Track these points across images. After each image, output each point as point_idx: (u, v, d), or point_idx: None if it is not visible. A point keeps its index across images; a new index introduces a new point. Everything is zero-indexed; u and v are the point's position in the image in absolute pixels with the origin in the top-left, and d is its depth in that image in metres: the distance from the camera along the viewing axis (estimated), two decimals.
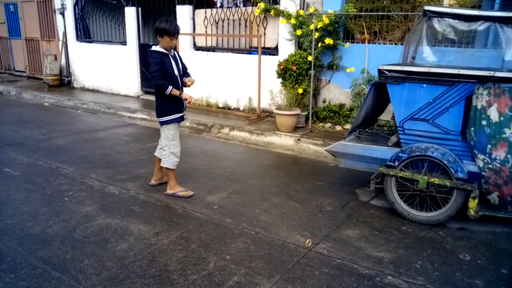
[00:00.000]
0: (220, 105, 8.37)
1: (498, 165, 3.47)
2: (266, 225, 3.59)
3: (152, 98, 9.67)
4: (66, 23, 10.90)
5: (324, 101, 7.22)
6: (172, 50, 4.06)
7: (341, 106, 7.00)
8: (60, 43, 11.20)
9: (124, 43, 9.94)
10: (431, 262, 3.06)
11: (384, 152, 3.96)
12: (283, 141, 6.44)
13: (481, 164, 3.51)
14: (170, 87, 3.90)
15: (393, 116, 5.12)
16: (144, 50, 9.70)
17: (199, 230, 3.50)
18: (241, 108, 8.13)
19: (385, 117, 5.08)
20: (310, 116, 6.80)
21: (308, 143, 6.20)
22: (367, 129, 4.53)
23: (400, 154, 3.77)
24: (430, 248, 3.28)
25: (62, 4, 10.73)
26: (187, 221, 3.65)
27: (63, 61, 11.29)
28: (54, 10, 11.14)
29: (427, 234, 3.53)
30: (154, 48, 3.95)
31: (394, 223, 3.73)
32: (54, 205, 3.93)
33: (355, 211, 3.96)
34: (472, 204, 3.49)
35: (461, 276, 2.89)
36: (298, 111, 6.64)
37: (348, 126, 6.73)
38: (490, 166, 3.49)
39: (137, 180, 4.66)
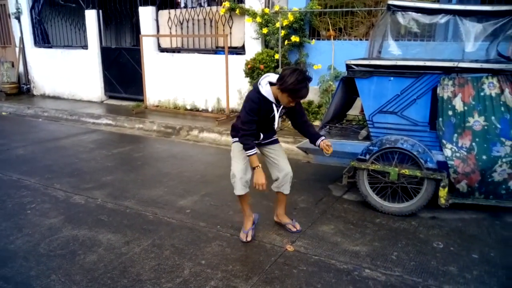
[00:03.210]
0: (188, 107, 8.23)
1: (465, 153, 3.54)
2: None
3: (116, 102, 9.43)
4: (22, 28, 10.45)
5: None
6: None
7: (310, 103, 7.02)
8: (17, 49, 10.73)
9: (85, 47, 9.62)
10: (406, 253, 3.08)
11: (355, 146, 3.97)
12: None
13: (449, 153, 3.57)
14: (253, 150, 3.09)
15: (362, 111, 5.18)
16: (106, 54, 9.45)
17: (172, 236, 3.39)
18: (210, 109, 8.02)
19: (353, 112, 5.11)
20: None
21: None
22: (337, 125, 4.53)
23: (371, 147, 3.79)
24: (405, 239, 3.30)
25: (17, 8, 10.27)
26: (159, 228, 3.53)
27: (21, 68, 10.82)
28: (9, 15, 10.66)
29: (401, 225, 3.55)
30: (261, 89, 3.00)
31: (368, 216, 3.75)
32: (15, 219, 3.72)
33: (329, 207, 3.95)
34: (442, 193, 3.55)
35: (436, 264, 2.92)
36: None
37: (317, 123, 6.75)
38: (458, 154, 3.55)
39: (104, 188, 4.49)
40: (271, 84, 3.01)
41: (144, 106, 8.46)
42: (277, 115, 3.15)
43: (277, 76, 3.01)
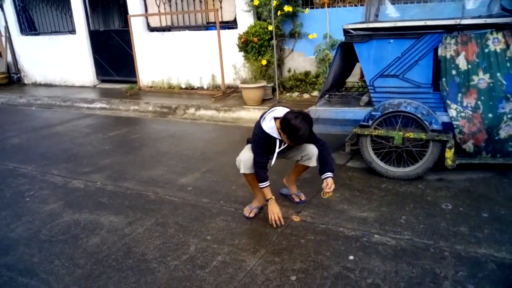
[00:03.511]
0: (183, 86, 8.07)
1: (470, 113, 3.44)
2: (245, 200, 3.45)
3: (109, 86, 9.26)
4: (6, 17, 10.14)
5: (289, 71, 7.07)
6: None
7: (307, 74, 6.88)
8: (3, 38, 10.45)
9: (73, 32, 9.37)
10: (415, 216, 3.02)
11: (357, 112, 3.86)
12: (252, 115, 6.26)
13: (454, 113, 3.47)
14: (266, 183, 3.00)
15: (361, 77, 5.06)
16: (95, 37, 9.21)
17: (175, 214, 3.32)
18: (205, 87, 7.87)
19: (352, 79, 4.99)
20: (277, 87, 6.65)
21: None
22: (336, 93, 4.41)
23: (373, 113, 3.69)
24: (412, 202, 3.24)
25: None
26: (161, 207, 3.46)
27: (9, 58, 10.56)
28: None
29: (407, 189, 3.49)
30: (263, 125, 2.93)
31: (373, 182, 3.67)
32: (14, 207, 3.64)
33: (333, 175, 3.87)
34: (449, 154, 3.47)
35: (446, 225, 2.86)
36: (264, 83, 6.46)
37: (315, 94, 6.63)
38: (463, 114, 3.45)
39: (102, 171, 4.40)
40: (276, 118, 2.90)
41: (138, 88, 8.30)
42: (276, 152, 3.01)
43: (285, 110, 2.91)
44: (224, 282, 2.42)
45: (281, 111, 2.91)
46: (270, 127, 2.90)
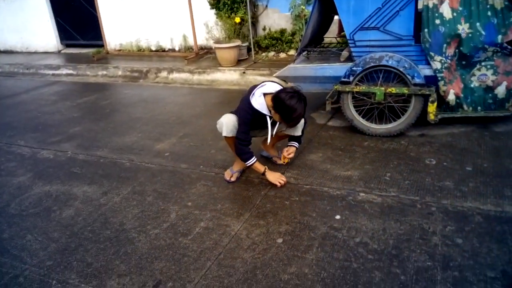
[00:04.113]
0: (153, 48, 7.71)
1: (449, 62, 3.37)
2: (225, 163, 3.33)
3: (75, 51, 8.77)
4: None
5: (264, 29, 6.81)
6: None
7: (283, 32, 6.64)
8: None
9: None
10: (399, 172, 2.97)
11: (337, 69, 3.72)
12: (228, 77, 6.06)
13: (438, 65, 3.38)
14: (253, 159, 2.88)
15: (339, 33, 4.89)
16: None
17: (153, 181, 3.17)
18: (177, 48, 7.54)
19: (330, 37, 4.82)
20: (252, 46, 6.41)
21: (254, 74, 5.87)
22: (315, 49, 4.24)
23: (354, 68, 3.56)
24: (396, 159, 3.19)
25: None
26: (138, 174, 3.30)
27: None
28: None
29: (390, 146, 3.44)
30: (253, 101, 2.76)
31: (355, 140, 3.60)
32: None
33: (314, 135, 3.78)
34: (432, 108, 3.41)
35: (431, 180, 2.83)
36: (238, 42, 6.21)
37: (292, 52, 6.44)
38: (446, 65, 3.37)
39: (72, 139, 4.16)
40: (265, 94, 2.76)
41: (105, 52, 7.89)
42: (269, 130, 2.86)
43: (275, 86, 2.78)
44: (208, 249, 2.33)
45: (271, 87, 2.79)
46: (259, 103, 2.76)
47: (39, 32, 8.90)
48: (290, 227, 2.45)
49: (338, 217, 2.51)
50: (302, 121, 2.94)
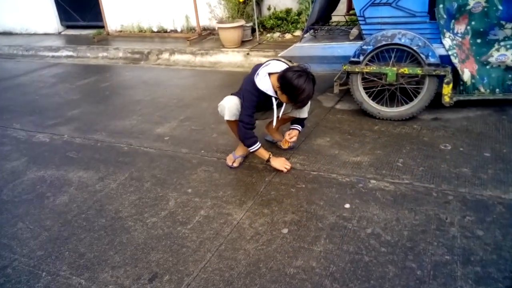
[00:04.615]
0: (155, 29, 7.49)
1: (460, 39, 3.16)
2: (228, 148, 3.16)
3: (75, 32, 8.56)
4: None
5: (269, 8, 6.56)
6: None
7: (288, 11, 6.39)
8: None
9: None
10: (412, 158, 2.79)
11: (346, 48, 3.52)
12: (231, 58, 5.85)
13: (449, 42, 3.16)
14: (257, 144, 2.71)
15: (348, 11, 4.65)
16: None
17: (151, 166, 3.01)
18: (179, 29, 7.31)
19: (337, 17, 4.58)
20: (257, 26, 6.17)
21: (258, 56, 5.65)
22: (322, 27, 4.02)
23: (364, 47, 3.35)
24: (408, 144, 3.00)
25: None
26: (136, 159, 3.14)
27: None
28: None
29: (402, 130, 3.25)
30: (257, 81, 2.58)
31: (365, 124, 3.42)
32: None
33: (321, 119, 3.60)
34: (447, 90, 3.20)
35: (447, 167, 2.65)
36: (242, 22, 5.97)
37: (298, 33, 6.19)
38: (456, 43, 3.16)
39: (70, 123, 4.01)
40: (270, 74, 2.59)
41: (106, 33, 7.67)
42: (275, 112, 2.69)
43: (281, 64, 2.59)
44: (208, 239, 2.18)
45: (276, 66, 2.60)
46: (265, 83, 2.57)
47: (39, 13, 8.67)
48: (296, 216, 2.29)
49: (347, 206, 2.34)
50: (309, 103, 2.76)
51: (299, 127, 2.88)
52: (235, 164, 2.88)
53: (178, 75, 5.51)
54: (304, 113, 2.83)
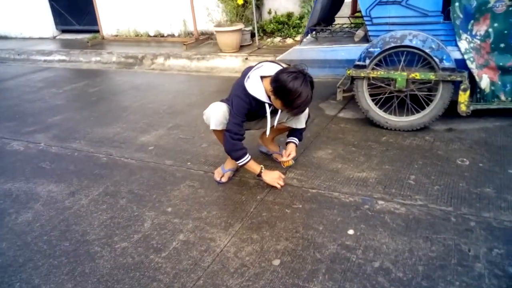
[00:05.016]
0: (151, 34, 7.21)
1: (478, 43, 2.83)
2: (217, 160, 2.83)
3: (70, 36, 8.30)
4: None
5: (269, 12, 6.25)
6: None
7: (289, 15, 6.09)
8: None
9: None
10: (426, 175, 2.44)
11: (351, 50, 3.19)
12: (229, 63, 5.54)
13: (465, 45, 2.83)
14: (246, 157, 2.38)
15: (353, 13, 4.33)
16: None
17: (130, 180, 2.68)
18: (176, 34, 7.03)
19: (341, 21, 4.27)
20: (256, 31, 5.87)
21: (257, 61, 5.29)
22: (324, 28, 3.70)
23: (371, 49, 3.01)
24: (420, 158, 2.65)
25: None
26: (114, 172, 2.81)
27: None
28: None
29: (413, 142, 2.90)
30: (248, 85, 2.25)
31: (371, 134, 3.08)
32: None
33: (323, 128, 3.26)
34: (463, 97, 2.86)
35: (466, 186, 2.29)
36: (241, 26, 5.67)
37: (299, 38, 5.88)
38: (474, 45, 2.82)
39: (49, 130, 3.69)
40: (263, 77, 2.24)
41: (101, 37, 7.40)
42: (268, 121, 2.36)
43: (274, 66, 2.25)
44: (185, 271, 1.83)
45: (269, 68, 2.26)
46: (256, 88, 2.24)
47: (34, 17, 8.43)
48: (290, 244, 1.94)
49: (351, 232, 1.99)
50: (307, 110, 2.43)
51: (295, 140, 2.54)
52: (223, 179, 2.54)
53: (172, 81, 5.19)
54: (301, 122, 2.49)
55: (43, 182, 2.74)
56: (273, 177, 2.42)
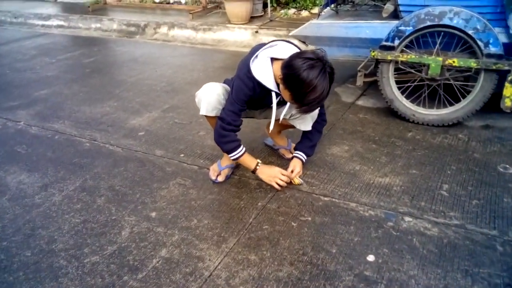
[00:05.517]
0: (157, 0, 6.70)
1: None
2: (215, 153, 2.44)
3: (74, 0, 7.81)
4: None
5: None
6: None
7: None
8: None
9: None
10: (461, 184, 2.04)
11: (377, 28, 2.74)
12: (237, 36, 5.07)
13: None
14: (241, 149, 2.00)
15: None
16: None
17: (112, 173, 2.31)
18: (183, 1, 6.52)
19: None
20: (269, 1, 5.35)
21: (268, 35, 4.87)
22: (346, 0, 3.22)
23: (402, 28, 2.55)
24: (454, 162, 2.24)
25: None
26: (95, 162, 2.44)
27: None
28: None
29: (444, 140, 2.48)
30: (254, 67, 1.82)
31: (394, 129, 2.66)
32: None
33: (338, 118, 2.85)
34: (510, 90, 2.41)
35: None
36: None
37: (317, 11, 5.36)
38: None
39: (33, 105, 3.32)
40: (274, 59, 1.79)
41: (103, 2, 6.92)
42: (273, 112, 1.93)
43: (290, 47, 1.81)
44: None
45: (283, 49, 1.82)
46: (263, 71, 1.81)
47: None
48: (295, 270, 1.58)
49: (371, 258, 1.62)
50: (316, 112, 2.01)
51: (302, 156, 2.11)
52: (219, 179, 2.16)
53: (174, 53, 4.76)
54: (306, 124, 2.06)
55: (15, 171, 2.39)
56: (270, 174, 2.03)
